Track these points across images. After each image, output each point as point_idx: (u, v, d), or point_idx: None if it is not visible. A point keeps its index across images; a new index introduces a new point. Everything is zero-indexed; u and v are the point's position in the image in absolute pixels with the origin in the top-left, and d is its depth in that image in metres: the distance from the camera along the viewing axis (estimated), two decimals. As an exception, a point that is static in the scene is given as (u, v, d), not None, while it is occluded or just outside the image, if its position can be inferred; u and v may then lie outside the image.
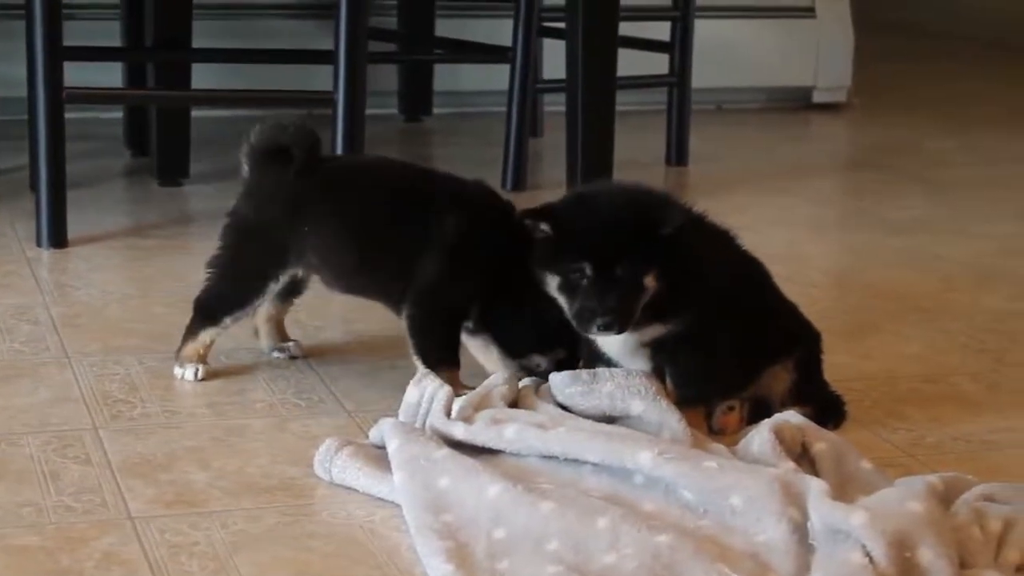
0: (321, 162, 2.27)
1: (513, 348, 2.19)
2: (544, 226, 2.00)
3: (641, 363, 2.08)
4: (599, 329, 1.98)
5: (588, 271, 1.98)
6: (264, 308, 2.32)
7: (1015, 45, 6.42)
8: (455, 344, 2.20)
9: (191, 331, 2.29)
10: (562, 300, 2.02)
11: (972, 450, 2.12)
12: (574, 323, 2.01)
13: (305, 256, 2.23)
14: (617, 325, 1.98)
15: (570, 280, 2.00)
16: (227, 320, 2.27)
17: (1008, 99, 5.38)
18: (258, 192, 2.26)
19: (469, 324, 2.20)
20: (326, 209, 2.22)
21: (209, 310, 2.27)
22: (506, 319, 2.17)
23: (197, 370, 2.27)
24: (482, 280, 2.16)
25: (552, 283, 2.02)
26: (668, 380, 2.07)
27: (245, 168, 2.28)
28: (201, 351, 2.29)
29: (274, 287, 2.25)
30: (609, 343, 2.07)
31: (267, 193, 2.25)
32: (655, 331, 2.05)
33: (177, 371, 2.28)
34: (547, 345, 2.17)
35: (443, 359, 2.17)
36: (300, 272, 2.26)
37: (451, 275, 2.15)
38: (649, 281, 1.98)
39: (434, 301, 2.17)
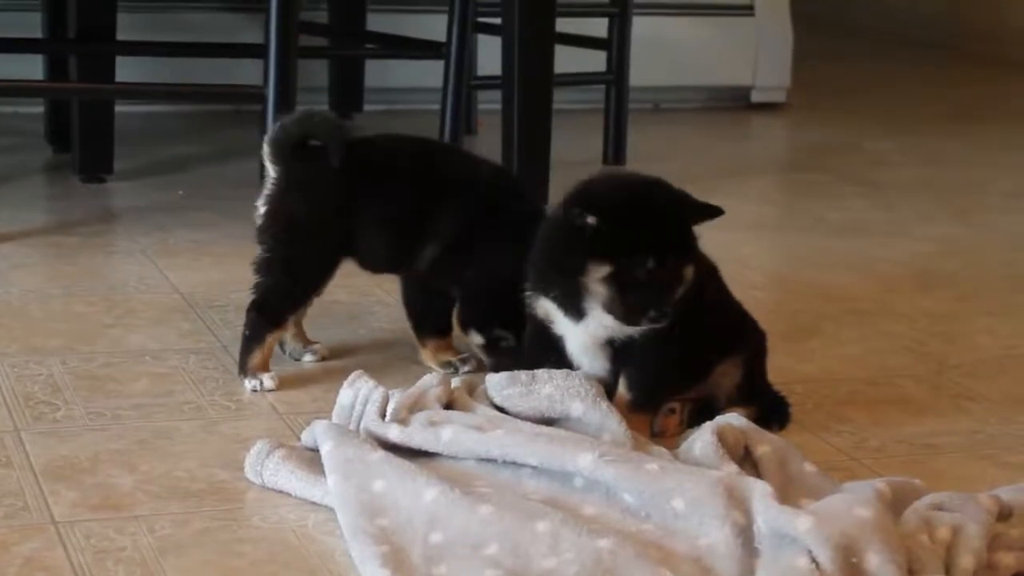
0: (358, 145, 2.27)
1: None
2: (592, 219, 1.94)
3: (600, 363, 2.05)
4: (650, 321, 1.96)
5: (650, 264, 1.94)
6: None
7: (954, 46, 6.46)
8: None
9: (256, 339, 2.22)
10: (604, 291, 1.96)
11: (915, 453, 2.11)
12: (618, 315, 1.97)
13: (353, 243, 2.24)
14: (667, 317, 1.96)
15: (624, 272, 1.95)
16: (290, 319, 2.25)
17: (947, 100, 5.41)
18: (304, 186, 2.23)
19: None
20: (374, 194, 2.23)
21: (273, 313, 2.22)
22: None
23: (272, 377, 2.22)
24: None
25: (597, 274, 1.96)
26: (624, 382, 2.04)
27: (271, 166, 2.23)
28: (268, 358, 2.23)
29: (329, 279, 2.24)
30: (576, 339, 2.04)
31: (314, 186, 2.23)
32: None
33: (248, 384, 2.21)
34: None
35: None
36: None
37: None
38: (688, 273, 1.98)
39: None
